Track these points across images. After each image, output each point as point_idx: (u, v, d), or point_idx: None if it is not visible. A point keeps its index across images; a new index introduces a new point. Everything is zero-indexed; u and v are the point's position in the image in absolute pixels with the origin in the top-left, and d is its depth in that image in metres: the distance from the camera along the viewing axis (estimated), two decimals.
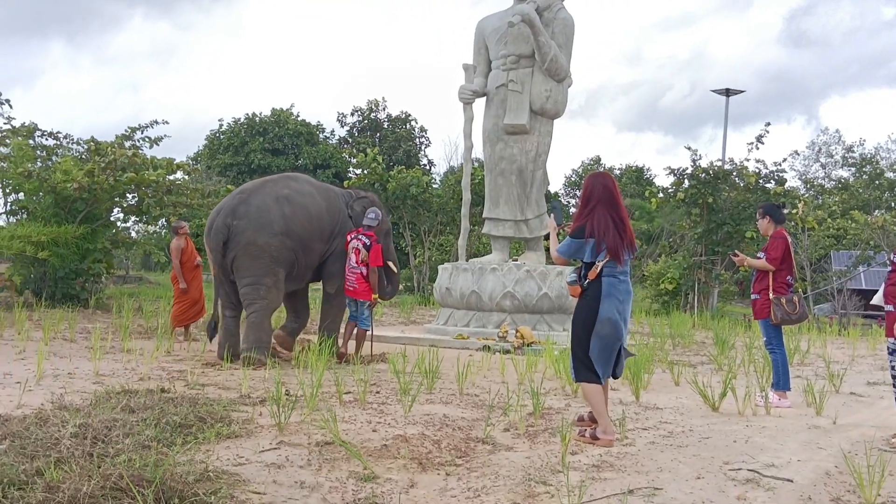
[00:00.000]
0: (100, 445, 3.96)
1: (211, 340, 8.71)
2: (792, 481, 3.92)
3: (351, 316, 8.58)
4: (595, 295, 4.84)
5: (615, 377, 5.01)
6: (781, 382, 6.49)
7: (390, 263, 8.82)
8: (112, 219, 17.11)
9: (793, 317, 6.40)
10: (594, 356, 4.83)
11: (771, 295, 6.45)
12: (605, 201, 4.86)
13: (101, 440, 4.07)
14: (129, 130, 17.57)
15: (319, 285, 9.10)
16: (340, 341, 8.57)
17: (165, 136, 17.85)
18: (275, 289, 8.03)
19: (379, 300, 8.71)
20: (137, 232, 31.94)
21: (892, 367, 4.89)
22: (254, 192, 8.25)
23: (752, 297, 6.76)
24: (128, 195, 16.39)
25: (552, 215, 5.36)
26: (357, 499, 3.51)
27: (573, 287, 4.99)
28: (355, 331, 8.51)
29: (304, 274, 8.47)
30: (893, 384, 4.91)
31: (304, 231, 8.19)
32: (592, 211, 4.86)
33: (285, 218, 8.04)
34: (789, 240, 6.60)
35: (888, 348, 4.95)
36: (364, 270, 8.28)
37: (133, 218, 19.66)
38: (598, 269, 4.81)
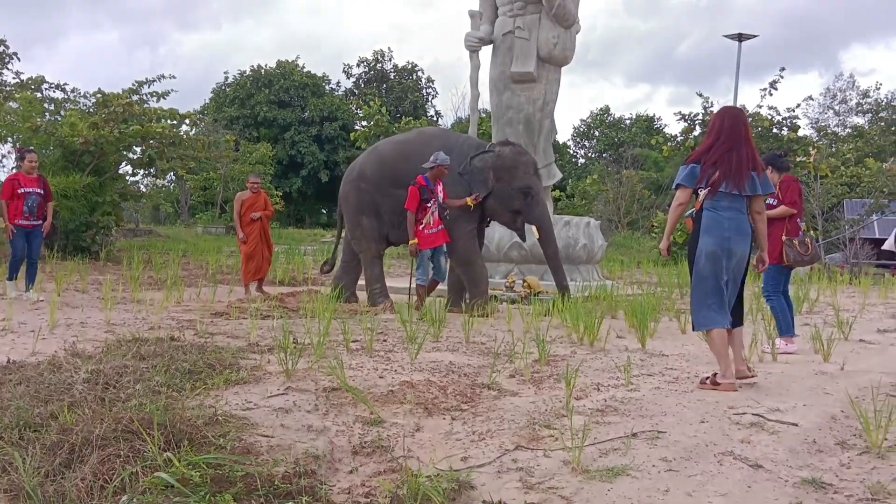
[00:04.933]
0: (111, 390, 4.02)
1: None
2: (797, 425, 3.94)
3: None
4: (696, 229, 4.82)
5: (731, 326, 4.84)
6: (784, 328, 6.52)
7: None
8: (120, 172, 17.14)
9: (805, 258, 6.45)
10: (693, 298, 4.83)
11: (784, 237, 6.46)
12: (726, 133, 4.73)
13: (113, 385, 4.13)
14: (136, 84, 17.49)
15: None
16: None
17: (173, 90, 17.77)
18: None
19: (415, 247, 8.34)
20: (147, 185, 32.03)
21: None
22: None
23: None
24: (135, 148, 16.38)
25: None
26: (364, 442, 3.55)
27: (687, 219, 4.88)
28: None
29: None
30: None
31: None
32: (712, 143, 4.76)
33: None
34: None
35: None
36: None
37: (141, 171, 19.68)
38: (700, 200, 4.77)
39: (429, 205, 8.17)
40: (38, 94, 18.55)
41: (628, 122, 53.17)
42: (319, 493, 2.94)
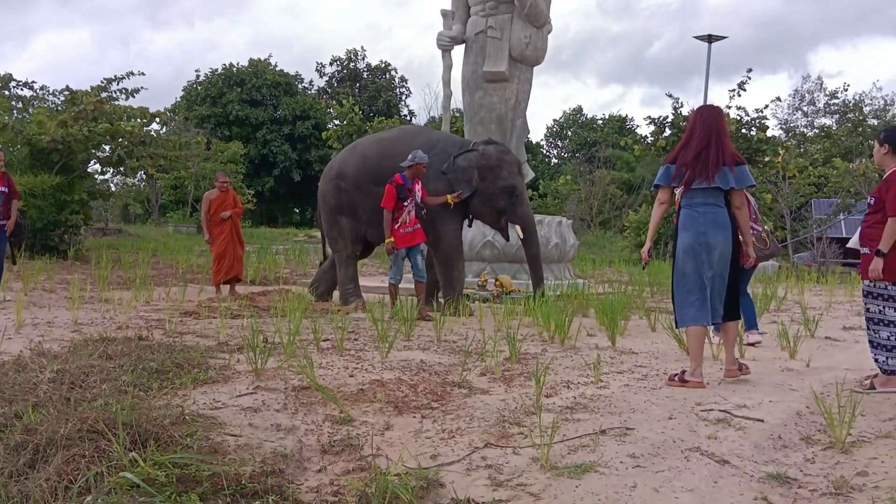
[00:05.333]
0: (77, 390, 3.97)
1: None
2: (763, 421, 3.98)
3: None
4: (676, 227, 4.94)
5: (714, 322, 4.92)
6: (749, 323, 6.65)
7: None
8: (89, 170, 16.93)
9: (765, 252, 6.58)
10: (673, 293, 4.92)
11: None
12: (699, 132, 4.85)
13: (78, 385, 4.08)
14: (105, 82, 17.27)
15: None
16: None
17: (142, 87, 17.56)
18: None
19: (392, 246, 8.16)
20: (116, 184, 31.64)
21: (867, 310, 4.94)
22: None
23: None
24: (104, 146, 16.18)
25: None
26: (333, 440, 3.54)
27: (675, 217, 5.04)
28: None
29: None
30: (868, 326, 4.98)
31: None
32: (686, 142, 4.90)
33: None
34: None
35: (863, 291, 5.00)
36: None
37: (111, 170, 19.46)
38: (678, 199, 4.93)
39: (405, 203, 8.07)
40: (6, 93, 18.24)
41: (600, 122, 53.50)
42: (287, 493, 2.92)
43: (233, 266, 10.18)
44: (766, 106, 25.84)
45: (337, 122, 28.22)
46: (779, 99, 41.75)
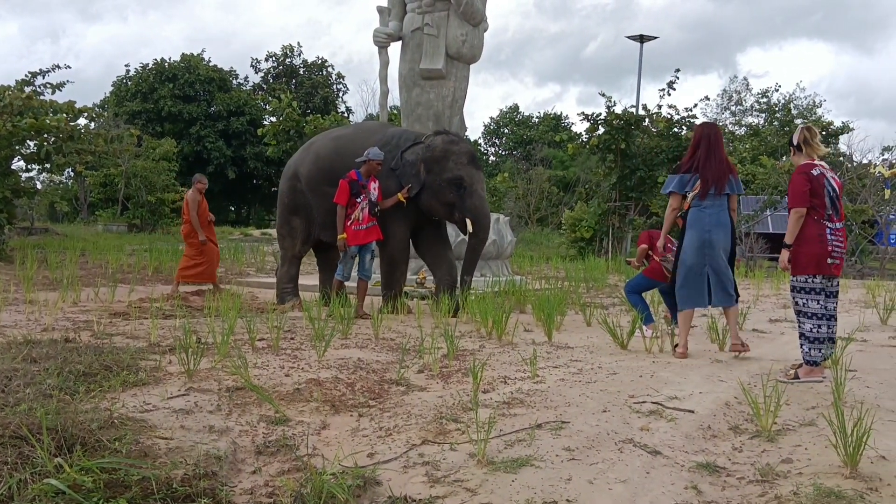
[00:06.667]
0: None
1: None
2: (693, 412, 4.08)
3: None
4: (684, 225, 5.80)
5: (712, 305, 5.84)
6: (645, 318, 6.85)
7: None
8: (13, 167, 16.32)
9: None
10: (677, 282, 5.77)
11: (657, 257, 6.89)
12: (706, 145, 5.69)
13: (1, 390, 3.94)
14: (30, 75, 16.67)
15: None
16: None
17: (68, 81, 17.01)
18: None
19: (344, 243, 7.95)
20: (42, 182, 30.59)
21: (796, 304, 5.10)
22: None
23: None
24: (28, 142, 15.62)
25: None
26: (268, 441, 3.49)
27: (679, 219, 5.94)
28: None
29: None
30: (797, 320, 5.14)
31: None
32: (694, 153, 5.74)
33: None
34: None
35: (790, 285, 5.16)
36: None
37: (36, 167, 18.78)
38: (688, 201, 5.71)
39: (359, 200, 7.88)
40: None
41: (536, 120, 54.04)
42: (220, 495, 2.87)
43: (213, 272, 10.27)
44: (696, 105, 26.51)
45: (273, 118, 27.79)
46: (707, 98, 42.74)
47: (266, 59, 50.39)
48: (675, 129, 20.17)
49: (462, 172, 8.16)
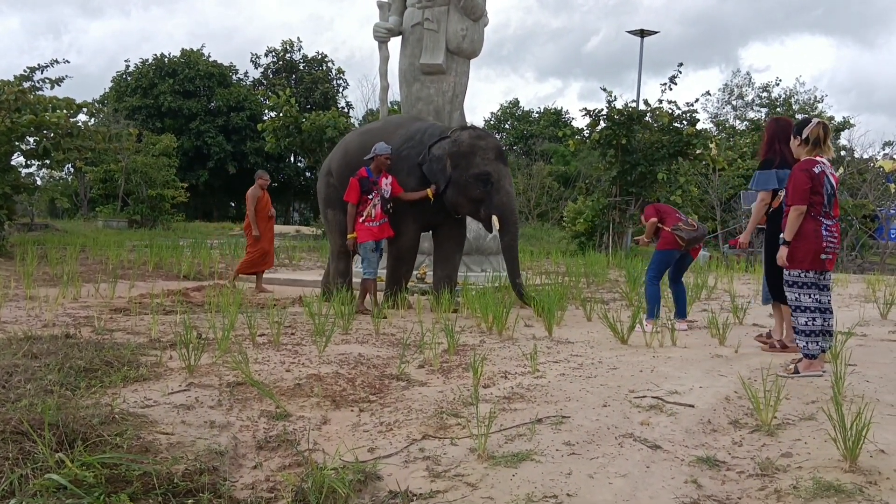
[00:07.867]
0: (0, 391, 3.83)
1: None
2: (693, 406, 4.09)
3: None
4: (776, 222, 5.59)
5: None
6: (650, 312, 6.88)
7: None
8: (13, 163, 16.31)
9: (697, 234, 6.99)
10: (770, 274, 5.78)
11: (668, 228, 6.93)
12: (785, 140, 5.57)
13: (2, 386, 3.94)
14: (29, 70, 16.64)
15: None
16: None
17: (67, 76, 16.96)
18: None
19: (354, 242, 8.02)
20: (42, 178, 30.58)
21: (789, 299, 5.10)
22: None
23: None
24: (28, 138, 15.60)
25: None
26: (269, 436, 3.50)
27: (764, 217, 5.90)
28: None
29: None
30: (791, 314, 5.14)
31: None
32: (770, 147, 5.83)
33: None
34: None
35: (784, 280, 5.16)
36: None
37: (36, 163, 18.76)
38: (780, 197, 5.55)
39: (370, 197, 7.87)
40: None
41: (536, 115, 53.97)
42: (221, 490, 2.88)
43: (270, 262, 10.83)
44: (697, 100, 26.43)
45: (273, 113, 27.74)
46: (709, 93, 42.61)
47: (266, 55, 50.29)
48: (676, 125, 20.10)
49: (489, 168, 8.02)
